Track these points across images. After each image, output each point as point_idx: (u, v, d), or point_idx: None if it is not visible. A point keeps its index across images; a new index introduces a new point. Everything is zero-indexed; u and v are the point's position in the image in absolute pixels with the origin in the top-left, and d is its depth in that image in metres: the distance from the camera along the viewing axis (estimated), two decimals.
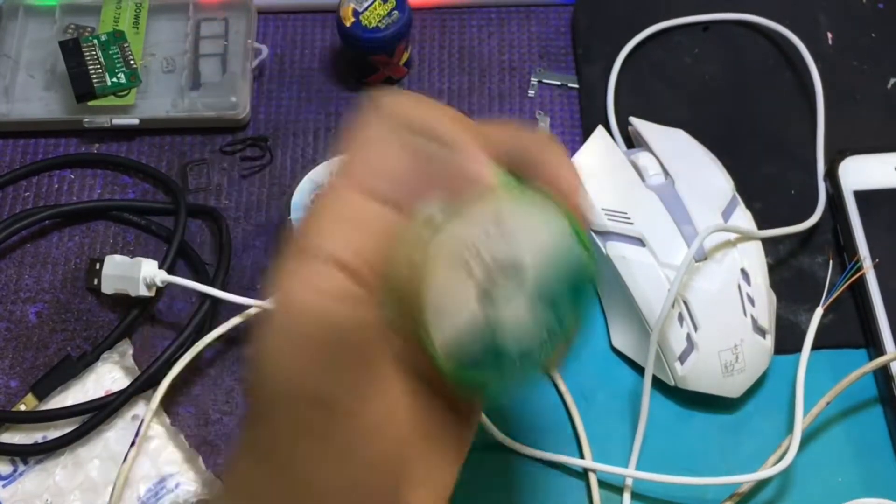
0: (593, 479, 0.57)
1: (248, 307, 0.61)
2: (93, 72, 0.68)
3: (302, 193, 0.62)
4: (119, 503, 0.56)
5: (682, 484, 0.55)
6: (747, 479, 0.55)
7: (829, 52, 0.71)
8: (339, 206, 0.34)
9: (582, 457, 0.57)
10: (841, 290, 0.60)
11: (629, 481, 0.56)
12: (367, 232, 0.33)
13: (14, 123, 0.69)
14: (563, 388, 0.59)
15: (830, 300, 0.60)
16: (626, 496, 0.56)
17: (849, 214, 0.63)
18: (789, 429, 0.57)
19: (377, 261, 0.33)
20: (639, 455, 0.57)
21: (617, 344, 0.60)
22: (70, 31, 0.71)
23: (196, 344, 0.59)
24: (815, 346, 0.59)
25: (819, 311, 0.60)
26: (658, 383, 0.59)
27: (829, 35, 0.72)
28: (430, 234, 0.34)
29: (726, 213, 0.60)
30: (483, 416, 0.58)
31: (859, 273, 0.61)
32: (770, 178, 0.66)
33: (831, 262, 0.62)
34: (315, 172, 0.63)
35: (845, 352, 0.60)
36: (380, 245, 0.33)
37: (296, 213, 0.61)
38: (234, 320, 0.60)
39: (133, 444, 0.57)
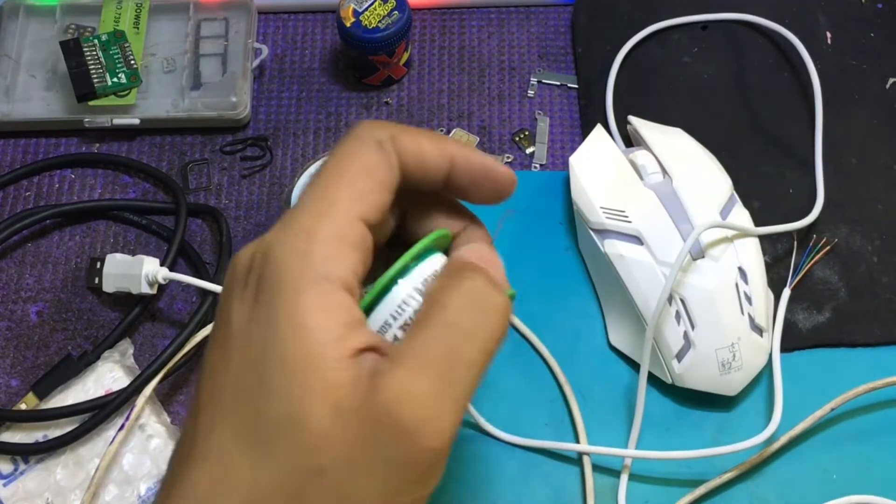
0: (587, 462, 0.57)
1: None
2: (93, 72, 0.68)
3: (301, 188, 0.62)
4: (103, 480, 0.56)
5: (669, 458, 0.56)
6: (725, 450, 0.56)
7: (827, 52, 0.71)
8: None
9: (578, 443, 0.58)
10: (806, 268, 0.62)
11: (628, 461, 0.57)
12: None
13: (15, 123, 0.69)
14: (562, 380, 0.60)
15: (797, 278, 0.62)
16: (624, 477, 0.57)
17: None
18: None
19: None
20: (635, 447, 0.57)
21: (614, 342, 0.61)
22: (71, 30, 0.72)
23: (196, 335, 0.60)
24: (818, 345, 0.60)
25: (787, 291, 0.61)
26: (656, 381, 0.59)
27: (828, 34, 0.72)
28: None
29: (724, 212, 0.60)
30: (473, 410, 0.58)
31: (823, 251, 0.63)
32: (768, 176, 0.66)
33: (796, 243, 0.63)
34: (314, 168, 0.63)
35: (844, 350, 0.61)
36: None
37: None
38: None
39: (122, 427, 0.57)
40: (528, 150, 0.69)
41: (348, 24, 0.67)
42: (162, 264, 0.61)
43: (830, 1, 0.73)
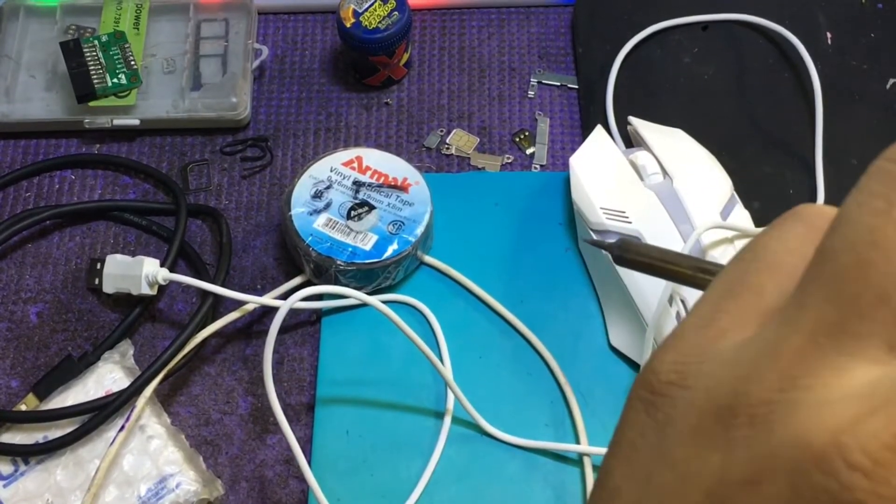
0: (588, 463, 0.57)
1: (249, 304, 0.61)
2: (93, 72, 0.68)
3: (302, 188, 0.63)
4: (103, 481, 0.56)
5: None
6: None
7: (828, 52, 0.71)
8: None
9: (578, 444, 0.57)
10: None
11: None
12: None
13: (15, 124, 0.69)
14: (562, 380, 0.59)
15: None
16: None
17: None
18: None
19: None
20: None
21: (615, 342, 0.61)
22: (71, 31, 0.72)
23: (197, 335, 0.60)
24: None
25: None
26: None
27: (829, 35, 0.72)
28: None
29: (724, 212, 0.60)
30: (474, 410, 0.58)
31: None
32: (768, 177, 0.66)
33: None
34: (315, 168, 0.63)
35: None
36: None
37: (296, 209, 0.62)
38: (234, 315, 0.61)
39: (122, 428, 0.57)
40: (529, 151, 0.69)
41: (348, 25, 0.67)
42: (162, 265, 0.61)
43: (831, 1, 0.73)
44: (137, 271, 0.60)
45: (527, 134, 0.69)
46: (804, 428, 0.17)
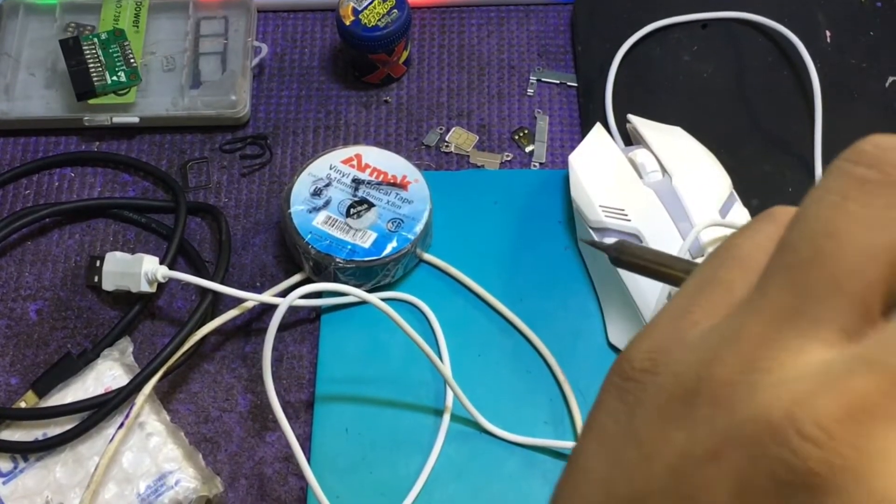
0: None
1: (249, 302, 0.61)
2: (93, 70, 0.68)
3: (301, 186, 0.63)
4: (102, 478, 0.56)
5: None
6: None
7: (827, 51, 0.71)
8: None
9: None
10: None
11: None
12: None
13: (15, 122, 0.69)
14: (561, 378, 0.60)
15: None
16: None
17: None
18: None
19: None
20: None
21: (614, 340, 0.61)
22: (70, 29, 0.72)
23: (196, 332, 0.60)
24: None
25: None
26: None
27: (828, 33, 0.72)
28: None
29: (723, 210, 0.60)
30: (473, 408, 0.58)
31: None
32: (767, 175, 0.66)
33: None
34: (314, 166, 0.63)
35: None
36: None
37: (295, 206, 0.62)
38: (233, 312, 0.61)
39: (121, 425, 0.57)
40: (528, 149, 0.69)
41: (348, 23, 0.67)
42: (161, 262, 0.61)
43: (830, 0, 0.74)
44: (137, 269, 0.60)
45: (526, 132, 0.69)
46: (763, 405, 0.18)
